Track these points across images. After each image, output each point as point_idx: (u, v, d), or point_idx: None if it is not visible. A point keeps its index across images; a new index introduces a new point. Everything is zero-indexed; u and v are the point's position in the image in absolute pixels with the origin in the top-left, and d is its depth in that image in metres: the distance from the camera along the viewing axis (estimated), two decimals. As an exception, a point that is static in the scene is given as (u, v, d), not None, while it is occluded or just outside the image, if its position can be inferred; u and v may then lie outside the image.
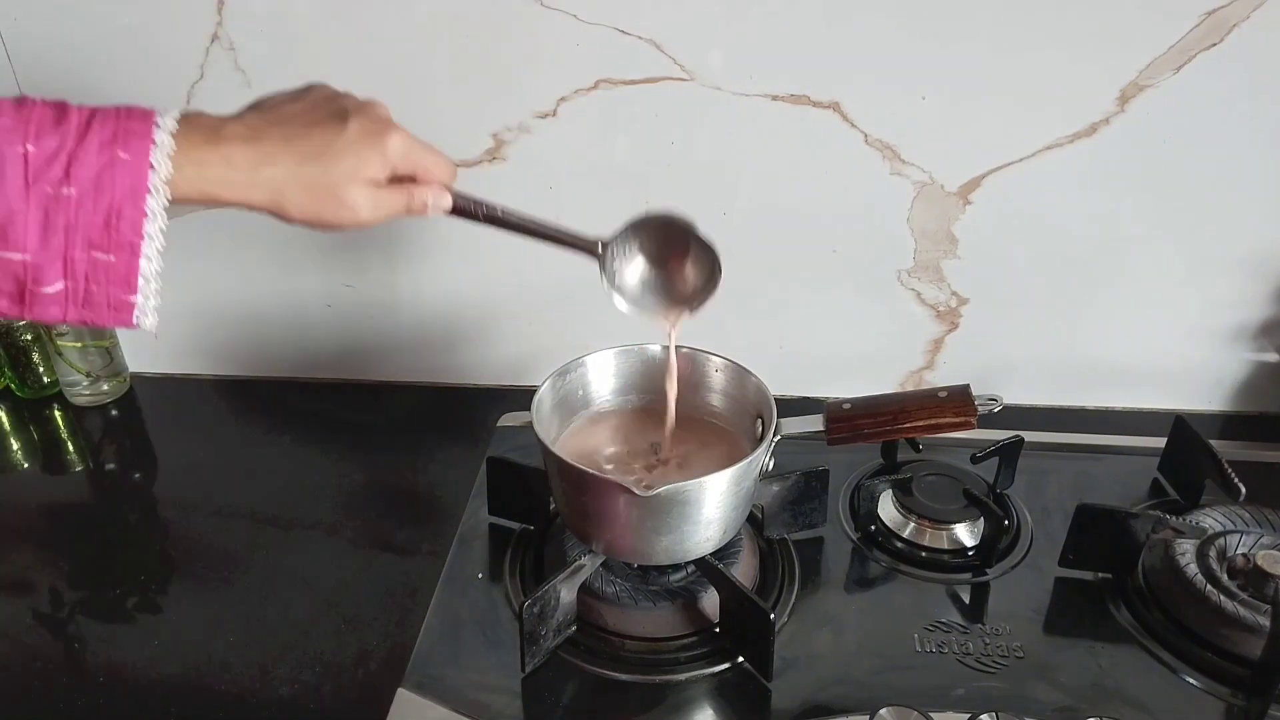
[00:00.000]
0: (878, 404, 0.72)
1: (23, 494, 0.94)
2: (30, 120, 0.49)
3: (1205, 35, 0.80)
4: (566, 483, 0.70)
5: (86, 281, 0.51)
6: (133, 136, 0.50)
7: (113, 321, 0.53)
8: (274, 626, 0.75)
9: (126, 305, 0.52)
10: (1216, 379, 0.99)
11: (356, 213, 0.57)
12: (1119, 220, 0.90)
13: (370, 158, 0.56)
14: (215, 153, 0.52)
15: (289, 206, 0.55)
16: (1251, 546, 0.74)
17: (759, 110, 0.86)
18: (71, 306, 0.51)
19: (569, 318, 1.00)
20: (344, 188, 0.56)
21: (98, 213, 0.49)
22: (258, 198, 0.54)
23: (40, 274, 0.49)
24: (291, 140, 0.55)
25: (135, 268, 0.51)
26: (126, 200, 0.50)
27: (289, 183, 0.54)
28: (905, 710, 0.63)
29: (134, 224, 0.50)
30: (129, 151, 0.50)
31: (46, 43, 0.90)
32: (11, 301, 0.50)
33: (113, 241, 0.50)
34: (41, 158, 0.48)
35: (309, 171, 0.55)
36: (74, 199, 0.49)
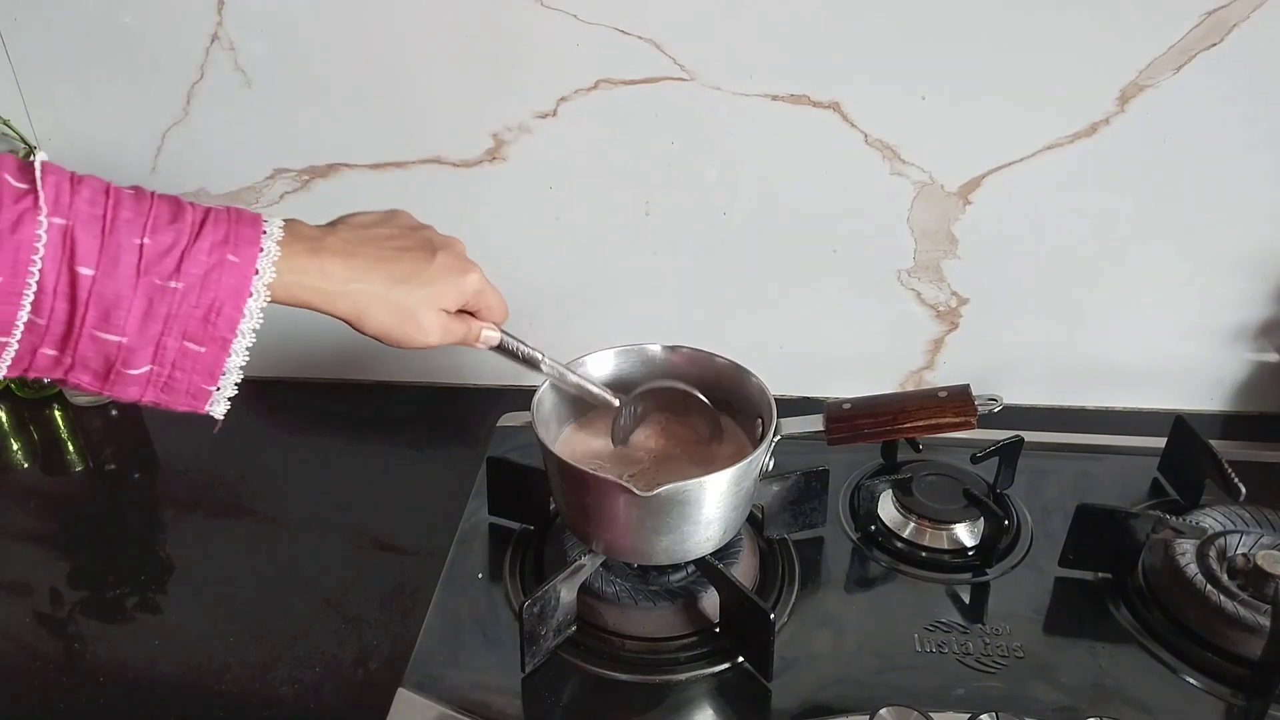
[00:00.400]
0: (878, 404, 0.72)
1: (23, 494, 0.94)
2: (149, 214, 0.51)
3: (1205, 35, 0.80)
4: (566, 483, 0.70)
5: (172, 368, 0.53)
6: (243, 242, 0.53)
7: (184, 406, 0.55)
8: (274, 626, 0.75)
9: (205, 394, 0.55)
10: (1216, 379, 0.99)
11: (426, 336, 0.61)
12: (1119, 220, 0.90)
13: (450, 291, 0.62)
14: (314, 264, 0.56)
15: (368, 320, 0.59)
16: (1251, 546, 0.74)
17: (759, 110, 0.86)
18: (151, 388, 0.53)
19: (569, 318, 1.00)
20: (422, 313, 0.60)
21: (199, 307, 0.52)
22: (343, 308, 0.58)
23: (131, 357, 0.52)
24: (383, 262, 0.59)
25: (222, 361, 0.54)
26: (229, 299, 0.53)
27: (375, 301, 0.58)
28: (905, 710, 0.63)
29: (231, 321, 0.53)
30: (239, 255, 0.53)
31: (46, 43, 0.90)
32: (95, 378, 0.52)
33: (208, 335, 0.53)
34: (156, 250, 0.51)
35: (396, 294, 0.59)
36: (180, 292, 0.51)
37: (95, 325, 0.50)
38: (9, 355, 0.50)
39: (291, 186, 0.96)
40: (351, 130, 0.92)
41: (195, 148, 0.94)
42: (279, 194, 0.96)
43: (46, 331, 0.50)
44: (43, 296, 0.49)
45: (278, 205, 0.96)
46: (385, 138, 0.92)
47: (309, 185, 0.95)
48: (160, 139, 0.94)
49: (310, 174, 0.95)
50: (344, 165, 0.94)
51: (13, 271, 0.48)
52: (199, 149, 0.95)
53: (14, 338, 0.50)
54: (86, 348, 0.51)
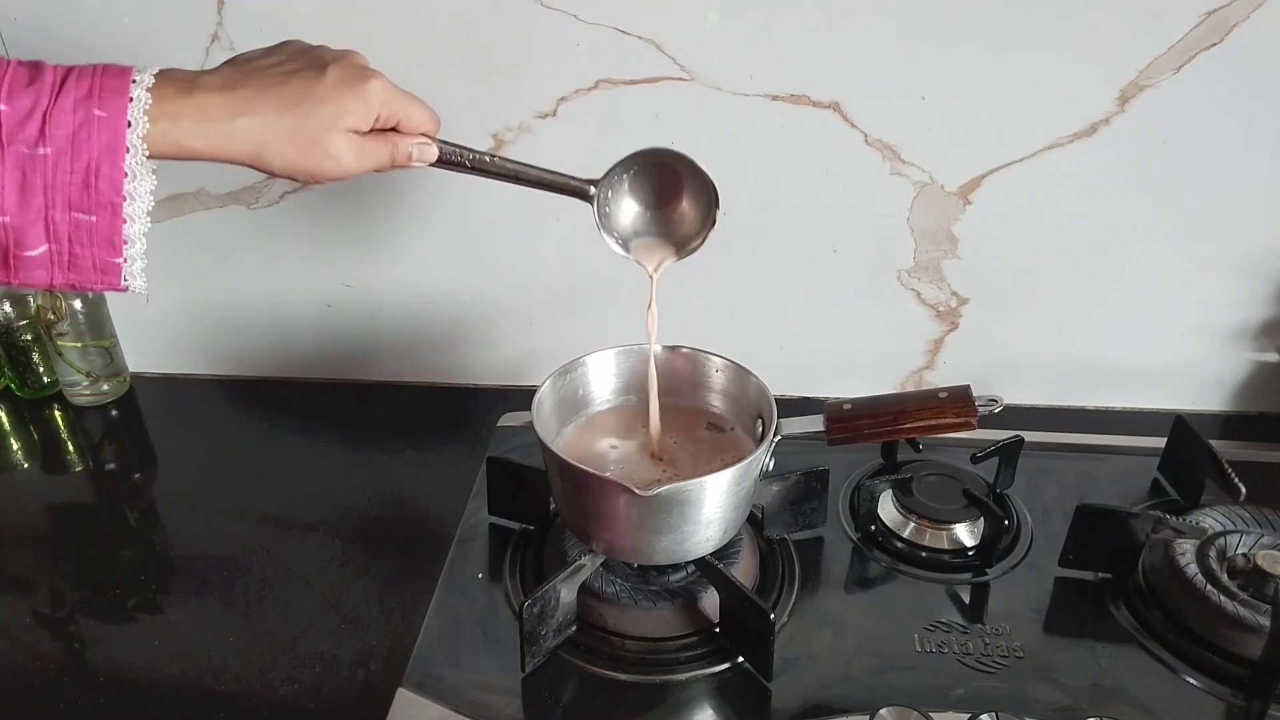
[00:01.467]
0: (878, 404, 0.72)
1: (23, 494, 0.94)
2: (3, 79, 0.48)
3: (1205, 35, 0.80)
4: (566, 483, 0.70)
5: (70, 244, 0.50)
6: (109, 93, 0.49)
7: (101, 284, 0.52)
8: (274, 626, 0.75)
9: (113, 267, 0.51)
10: (1216, 379, 0.99)
11: (340, 161, 0.56)
12: (1119, 220, 0.90)
13: (351, 103, 0.55)
14: (189, 104, 0.51)
15: (270, 156, 0.54)
16: (1251, 546, 0.74)
17: (759, 110, 0.87)
18: (57, 270, 0.50)
19: (569, 318, 1.00)
20: (326, 135, 0.55)
21: (76, 172, 0.48)
22: (236, 149, 0.53)
23: (22, 236, 0.49)
24: (269, 88, 0.53)
25: (118, 228, 0.50)
26: (105, 159, 0.49)
27: (269, 132, 0.53)
28: (905, 710, 0.63)
29: (114, 183, 0.49)
30: (105, 109, 0.49)
31: (46, 43, 0.90)
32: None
33: (93, 202, 0.49)
34: (15, 117, 0.47)
35: (289, 119, 0.53)
36: (51, 158, 0.48)
37: None
38: None
39: (292, 186, 0.96)
40: (351, 130, 0.92)
41: (195, 148, 0.94)
42: (279, 194, 0.96)
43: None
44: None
45: (278, 205, 0.96)
46: (385, 138, 0.92)
47: (309, 185, 0.95)
48: (160, 139, 0.94)
49: (310, 174, 0.95)
50: (344, 165, 0.94)
51: None
52: (199, 149, 0.95)
53: None
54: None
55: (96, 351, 1.02)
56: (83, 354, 1.01)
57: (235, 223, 0.98)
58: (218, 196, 0.97)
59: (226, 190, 0.97)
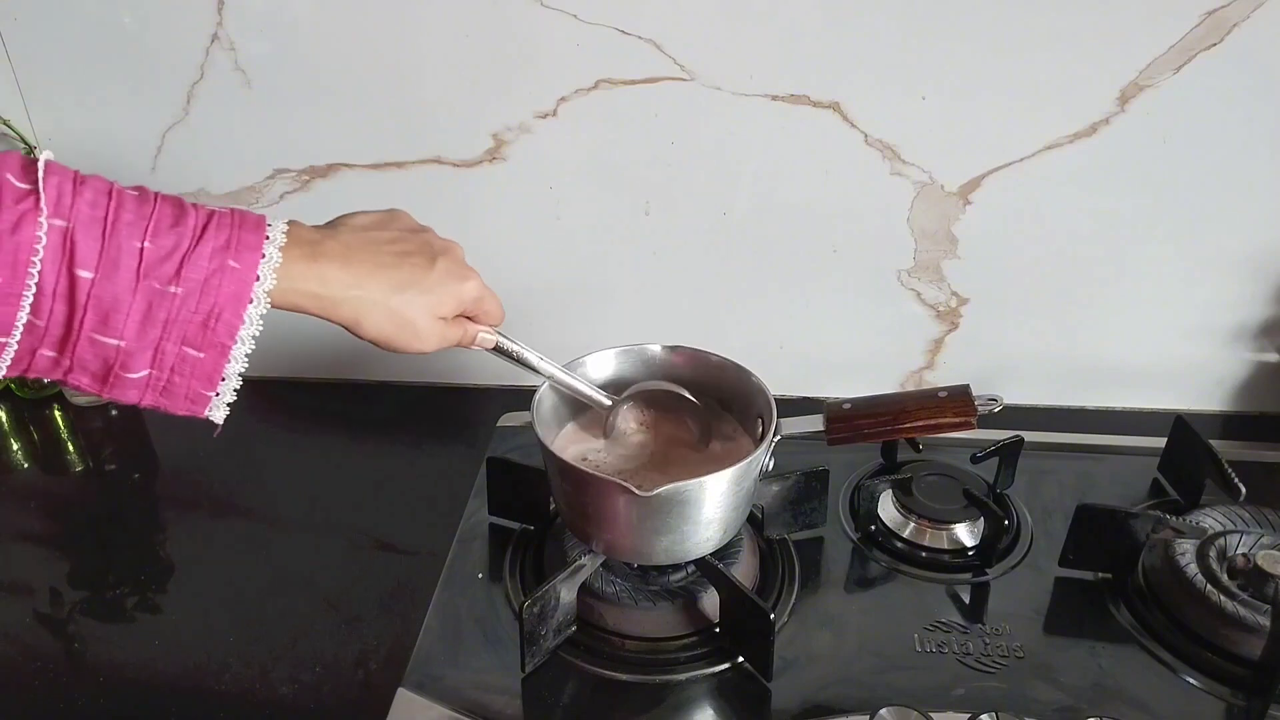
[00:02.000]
0: (878, 404, 0.72)
1: (23, 494, 0.94)
2: (150, 217, 0.51)
3: (1205, 35, 0.80)
4: (566, 483, 0.70)
5: (171, 373, 0.53)
6: (245, 248, 0.53)
7: (183, 410, 0.55)
8: (274, 626, 0.75)
9: (203, 399, 0.55)
10: (1216, 379, 0.99)
11: (425, 343, 0.61)
12: (1119, 220, 0.90)
13: (449, 299, 0.61)
14: (313, 270, 0.56)
15: (366, 326, 0.58)
16: (1251, 546, 0.74)
17: (759, 110, 0.86)
18: (150, 392, 0.53)
19: (569, 318, 1.00)
20: (421, 320, 0.60)
21: (199, 313, 0.52)
22: (342, 315, 0.58)
23: (130, 360, 0.51)
24: (383, 269, 0.58)
25: (221, 367, 0.54)
26: (228, 305, 0.52)
27: (374, 308, 0.58)
28: (905, 710, 0.63)
29: (231, 328, 0.53)
30: (240, 261, 0.52)
31: (46, 43, 0.90)
32: (94, 380, 0.52)
33: (207, 341, 0.53)
34: (156, 255, 0.51)
35: (395, 301, 0.58)
36: (180, 298, 0.51)
37: (94, 329, 0.50)
38: (8, 356, 0.50)
39: (291, 186, 0.96)
40: (351, 130, 0.92)
41: (195, 148, 0.94)
42: (279, 194, 0.96)
43: (45, 333, 0.50)
44: (42, 299, 0.49)
45: (278, 205, 0.96)
46: (385, 138, 0.92)
47: (309, 185, 0.95)
48: (160, 139, 0.94)
49: (310, 174, 0.95)
50: (344, 165, 0.94)
51: (12, 273, 0.48)
52: (199, 149, 0.95)
53: (13, 339, 0.49)
54: (85, 350, 0.51)
55: (96, 351, 1.02)
56: (83, 354, 1.01)
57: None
58: (217, 197, 0.97)
59: (226, 190, 0.97)
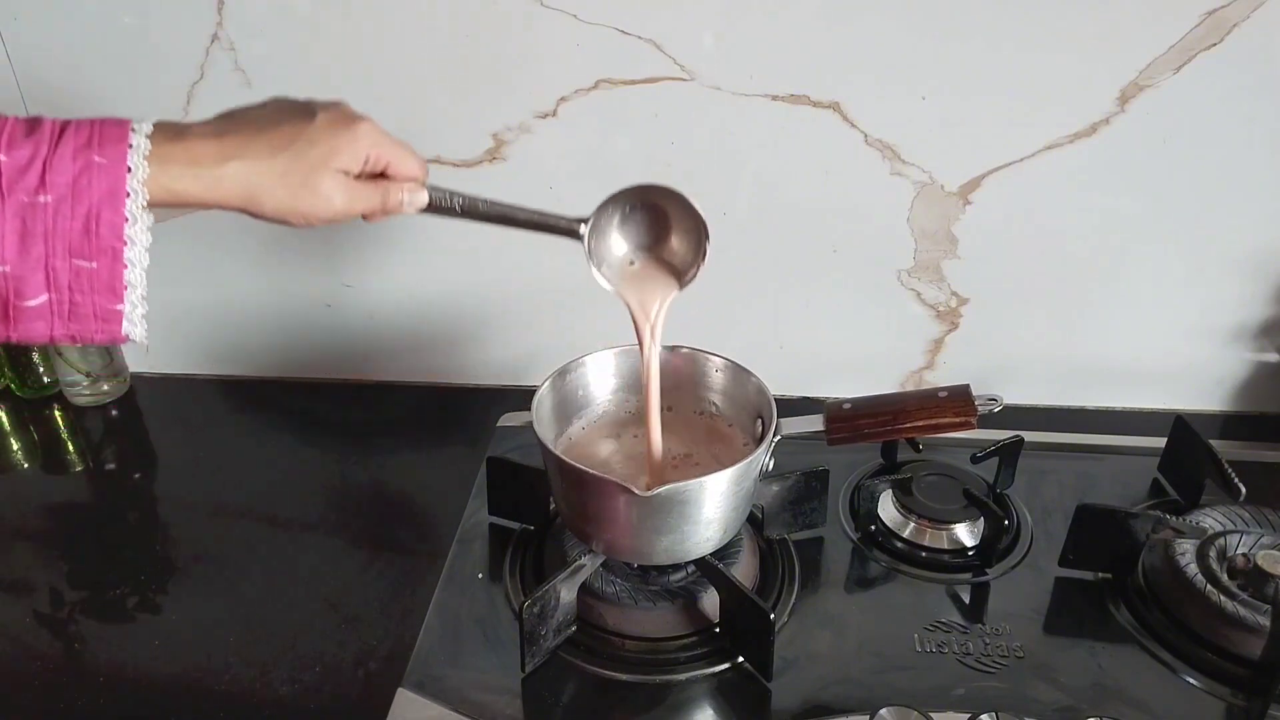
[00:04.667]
0: (878, 404, 0.72)
1: (23, 494, 0.94)
2: (2, 131, 0.48)
3: (1205, 35, 0.80)
4: (566, 483, 0.70)
5: (70, 292, 0.50)
6: (108, 140, 0.50)
7: (101, 334, 0.52)
8: (274, 626, 0.75)
9: (114, 314, 0.52)
10: (1216, 379, 0.99)
11: (331, 202, 0.56)
12: (1119, 220, 0.90)
13: (340, 145, 0.56)
14: (180, 149, 0.52)
15: (262, 198, 0.54)
16: (1251, 546, 0.74)
17: (759, 110, 0.86)
18: (57, 320, 0.51)
19: (569, 318, 1.00)
20: (317, 175, 0.55)
21: (76, 219, 0.49)
22: (228, 192, 0.53)
23: (22, 286, 0.49)
24: (260, 133, 0.54)
25: (119, 273, 0.51)
26: (105, 204, 0.49)
27: (260, 174, 0.53)
28: (905, 710, 0.63)
29: (114, 228, 0.50)
30: (105, 155, 0.49)
31: (46, 43, 0.90)
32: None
33: (94, 248, 0.50)
34: (15, 166, 0.48)
35: (280, 161, 0.54)
36: (51, 206, 0.48)
37: None
38: None
39: (291, 186, 0.96)
40: (351, 130, 0.92)
41: (195, 148, 0.94)
42: (279, 194, 0.96)
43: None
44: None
45: (278, 205, 0.96)
46: (385, 138, 0.92)
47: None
48: (160, 139, 0.94)
49: (310, 174, 0.95)
50: (344, 165, 0.94)
51: None
52: (199, 149, 0.95)
53: None
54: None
55: (96, 351, 1.02)
56: (83, 354, 1.01)
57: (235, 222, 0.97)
58: (218, 196, 0.97)
59: (226, 190, 0.97)
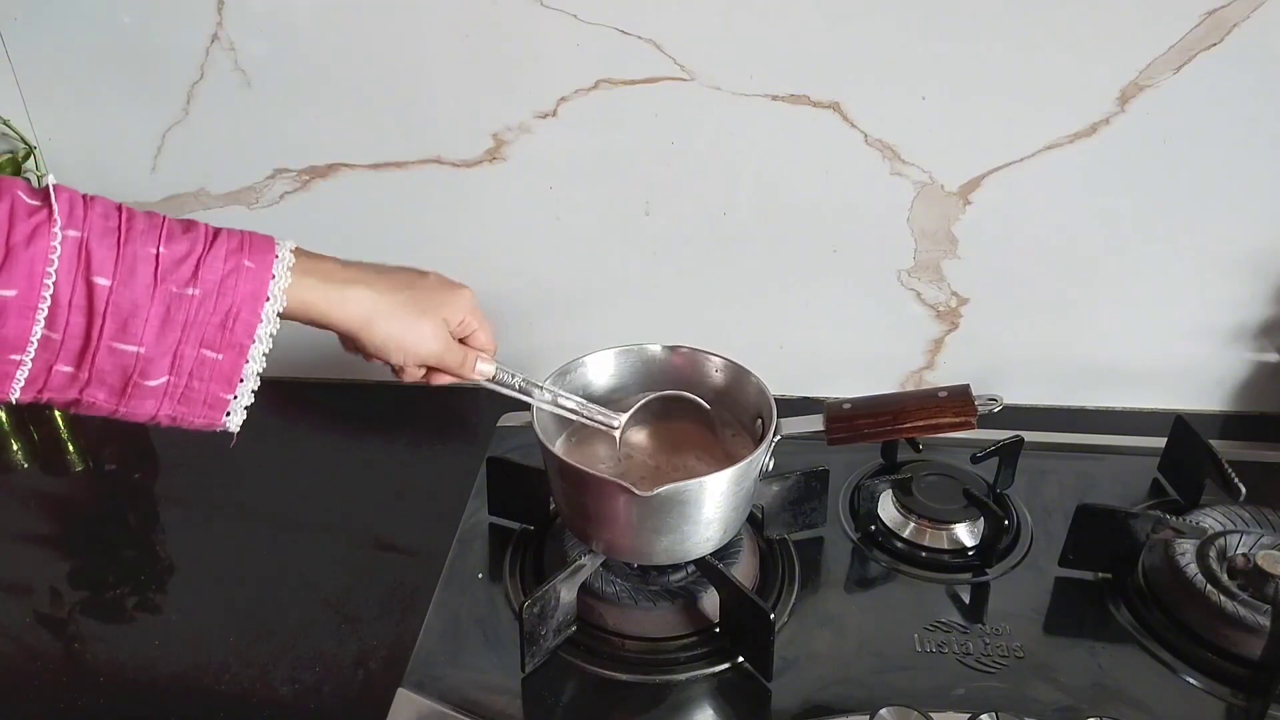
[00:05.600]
0: (878, 404, 0.72)
1: (23, 494, 0.94)
2: (162, 226, 0.52)
3: (1205, 35, 0.80)
4: (566, 483, 0.70)
5: (190, 378, 0.53)
6: (258, 249, 0.54)
7: (201, 419, 0.55)
8: (274, 626, 0.75)
9: (221, 403, 0.55)
10: (1216, 379, 0.99)
11: (432, 344, 0.62)
12: (1119, 220, 0.90)
13: (449, 300, 0.64)
14: (314, 266, 0.57)
15: (377, 323, 0.59)
16: (1251, 546, 0.74)
17: (759, 110, 0.86)
18: (167, 401, 0.53)
19: (569, 318, 1.00)
20: (427, 317, 0.62)
21: (216, 314, 0.52)
22: (351, 312, 0.58)
23: (149, 367, 0.52)
24: (383, 273, 0.61)
25: (239, 367, 0.54)
26: (245, 304, 0.53)
27: (381, 302, 0.59)
28: (905, 710, 0.63)
29: (249, 326, 0.53)
30: (254, 261, 0.54)
31: (46, 43, 0.90)
32: (111, 394, 0.52)
33: (225, 341, 0.53)
34: (171, 258, 0.51)
35: (400, 296, 0.60)
36: (196, 299, 0.52)
37: (113, 336, 0.50)
38: (23, 374, 0.49)
39: (291, 186, 0.96)
40: (351, 130, 0.92)
41: (195, 148, 0.94)
42: (279, 194, 0.96)
43: (62, 346, 0.49)
44: (58, 310, 0.49)
45: (278, 205, 0.96)
46: (385, 138, 0.92)
47: (309, 185, 0.95)
48: (160, 139, 0.94)
49: (310, 174, 0.95)
50: (344, 165, 0.94)
51: (28, 285, 0.48)
52: (199, 149, 0.95)
53: (28, 354, 0.49)
54: (104, 361, 0.50)
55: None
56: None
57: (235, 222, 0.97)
58: (217, 196, 0.97)
59: (226, 190, 0.97)
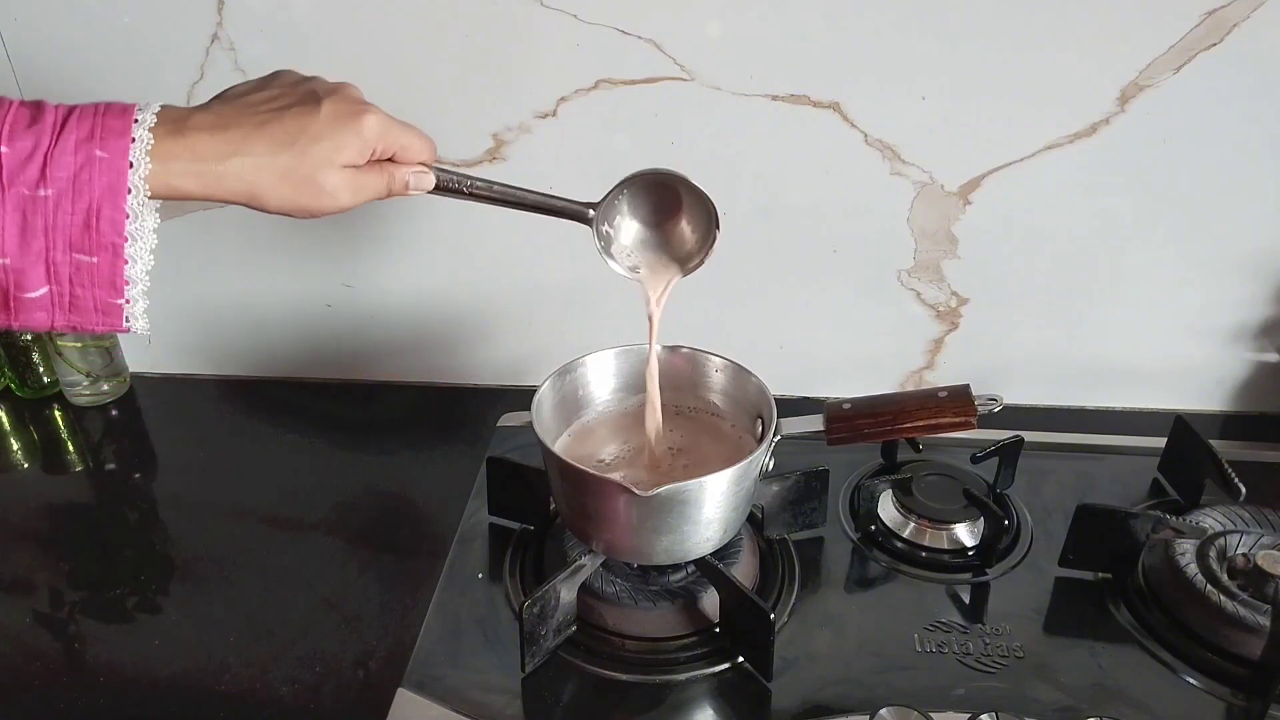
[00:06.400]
0: (878, 404, 0.72)
1: (23, 494, 0.94)
2: (4, 121, 0.48)
3: (1205, 35, 0.80)
4: (566, 483, 0.70)
5: (71, 285, 0.50)
6: (110, 134, 0.49)
7: (102, 326, 0.52)
8: (274, 626, 0.75)
9: (114, 309, 0.51)
10: (1216, 379, 0.99)
11: (336, 198, 0.55)
12: (1119, 220, 0.90)
13: (347, 140, 0.55)
14: (181, 145, 0.51)
15: (265, 197, 0.53)
16: (1251, 546, 0.74)
17: (759, 110, 0.86)
18: (58, 312, 0.50)
19: (569, 318, 1.00)
20: (321, 173, 0.54)
21: (77, 214, 0.48)
22: (230, 189, 0.52)
23: (22, 278, 0.49)
24: (262, 127, 0.53)
25: (120, 269, 0.50)
26: (105, 200, 0.49)
27: (263, 172, 0.52)
28: (905, 710, 0.63)
29: (115, 224, 0.49)
30: (106, 150, 0.49)
31: (46, 43, 0.90)
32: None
33: (94, 243, 0.49)
34: (16, 159, 0.47)
35: (283, 159, 0.53)
36: (51, 200, 0.48)
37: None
38: None
39: (291, 186, 0.96)
40: (351, 130, 0.92)
41: (195, 148, 0.94)
42: (279, 194, 0.96)
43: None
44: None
45: (278, 205, 0.96)
46: (385, 138, 0.92)
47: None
48: (160, 139, 0.94)
49: (310, 174, 0.95)
50: (344, 165, 0.94)
51: None
52: (199, 149, 0.95)
53: None
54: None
55: (96, 351, 1.02)
56: (82, 354, 1.01)
57: (235, 222, 0.98)
58: (218, 196, 0.97)
59: (226, 190, 0.97)
